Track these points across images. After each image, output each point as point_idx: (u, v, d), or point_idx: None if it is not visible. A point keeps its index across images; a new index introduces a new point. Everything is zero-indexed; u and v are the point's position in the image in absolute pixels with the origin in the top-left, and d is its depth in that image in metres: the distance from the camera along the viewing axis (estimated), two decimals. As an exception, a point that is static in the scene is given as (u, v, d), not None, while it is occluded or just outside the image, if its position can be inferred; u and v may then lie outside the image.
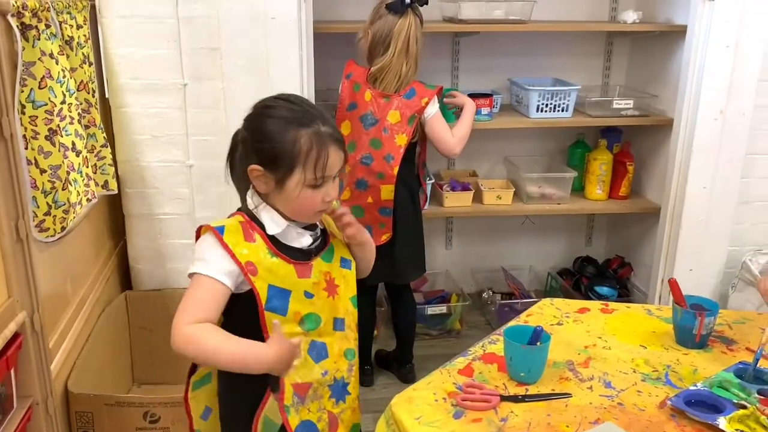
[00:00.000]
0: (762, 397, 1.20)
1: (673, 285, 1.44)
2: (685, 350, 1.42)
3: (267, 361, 1.14)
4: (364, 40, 2.24)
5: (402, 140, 2.20)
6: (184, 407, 1.36)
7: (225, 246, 1.19)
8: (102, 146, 2.04)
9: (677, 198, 2.54)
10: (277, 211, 1.25)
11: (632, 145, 2.86)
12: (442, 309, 2.85)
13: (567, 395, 1.25)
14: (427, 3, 2.21)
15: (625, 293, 2.95)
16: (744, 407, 1.17)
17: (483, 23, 2.57)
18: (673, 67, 2.60)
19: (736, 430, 1.13)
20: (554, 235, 3.22)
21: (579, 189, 2.89)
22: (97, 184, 2.00)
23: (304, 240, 1.28)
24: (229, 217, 1.27)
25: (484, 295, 3.01)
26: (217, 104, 2.20)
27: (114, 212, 2.30)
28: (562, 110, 2.68)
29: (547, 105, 2.66)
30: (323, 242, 1.32)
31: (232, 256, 1.18)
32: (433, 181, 2.73)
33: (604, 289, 2.91)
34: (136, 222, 2.30)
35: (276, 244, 1.24)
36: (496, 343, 1.43)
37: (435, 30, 2.67)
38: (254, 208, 1.26)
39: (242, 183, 1.30)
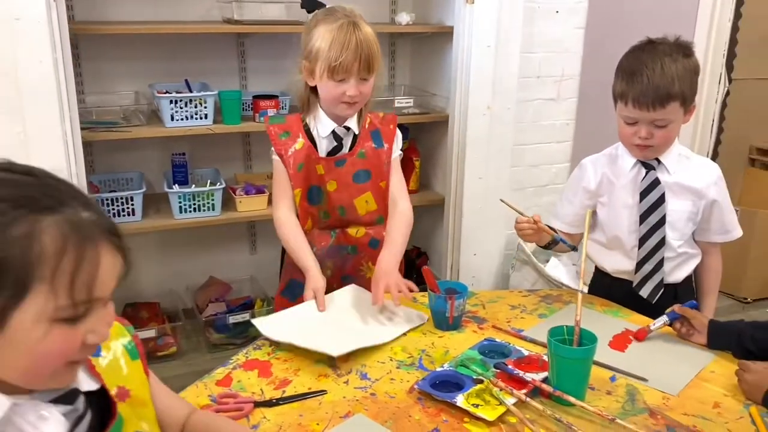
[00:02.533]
0: (498, 371, 1.30)
1: (427, 273, 1.52)
2: (440, 333, 1.50)
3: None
4: None
5: None
6: None
7: None
8: None
9: (457, 189, 2.71)
10: None
11: (418, 141, 3.00)
12: (245, 317, 2.79)
13: (322, 392, 1.26)
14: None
15: (422, 281, 3.07)
16: (481, 382, 1.26)
17: (260, 24, 2.55)
18: (447, 66, 2.76)
19: (473, 404, 1.21)
20: (356, 231, 3.29)
21: (372, 185, 2.97)
22: None
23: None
24: None
25: (289, 297, 3.00)
26: (-43, 117, 1.97)
27: None
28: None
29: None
30: (100, 406, 0.81)
31: None
32: (224, 186, 2.66)
33: (402, 280, 3.02)
34: None
35: None
36: (260, 348, 1.42)
37: (215, 31, 2.63)
38: None
39: None
